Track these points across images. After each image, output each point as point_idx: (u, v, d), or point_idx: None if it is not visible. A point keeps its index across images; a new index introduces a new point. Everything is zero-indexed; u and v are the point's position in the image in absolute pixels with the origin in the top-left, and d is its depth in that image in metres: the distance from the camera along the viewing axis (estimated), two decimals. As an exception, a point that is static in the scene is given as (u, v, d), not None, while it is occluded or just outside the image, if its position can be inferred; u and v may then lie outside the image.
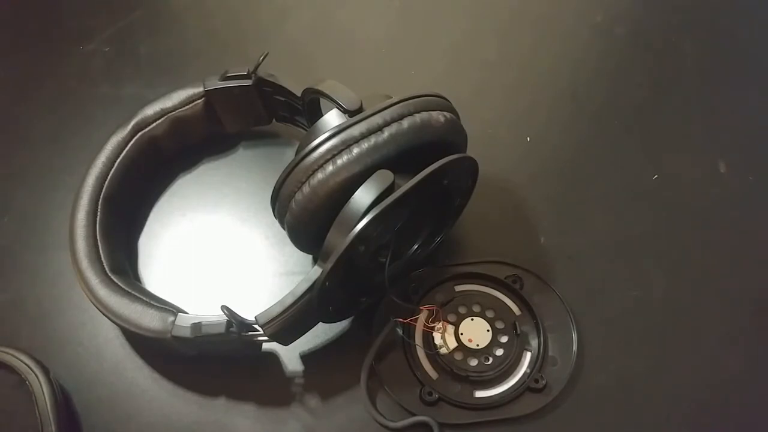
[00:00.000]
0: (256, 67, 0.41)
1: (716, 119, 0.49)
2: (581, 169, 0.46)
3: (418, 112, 0.33)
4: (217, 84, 0.41)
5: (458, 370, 0.35)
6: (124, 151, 0.40)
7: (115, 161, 0.39)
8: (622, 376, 0.36)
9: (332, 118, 0.34)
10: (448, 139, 0.34)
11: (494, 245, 0.41)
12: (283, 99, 0.42)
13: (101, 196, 0.38)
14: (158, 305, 0.34)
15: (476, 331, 0.37)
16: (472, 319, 0.37)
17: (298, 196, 0.32)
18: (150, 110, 0.41)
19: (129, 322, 0.33)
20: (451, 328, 0.37)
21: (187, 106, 0.42)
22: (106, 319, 0.34)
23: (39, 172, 0.45)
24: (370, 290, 0.36)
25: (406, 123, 0.32)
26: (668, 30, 0.55)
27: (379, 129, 0.32)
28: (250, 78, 0.41)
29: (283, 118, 0.44)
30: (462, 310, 0.38)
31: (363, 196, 0.31)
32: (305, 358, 0.37)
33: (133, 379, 0.36)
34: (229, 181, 0.44)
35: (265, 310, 0.32)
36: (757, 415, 0.36)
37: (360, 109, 0.33)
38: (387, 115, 0.32)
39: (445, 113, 0.34)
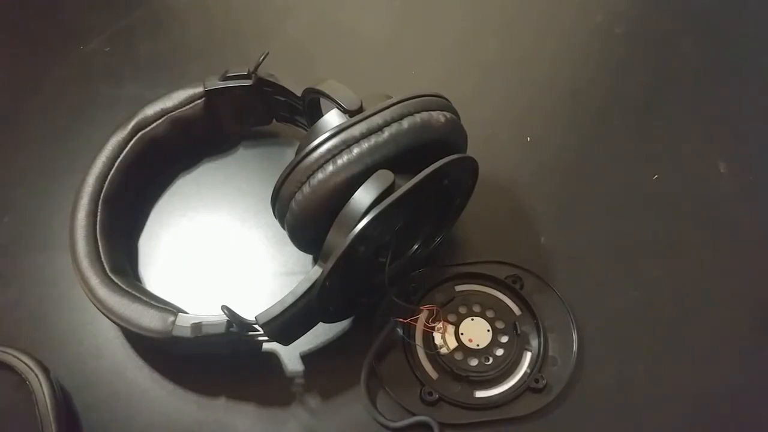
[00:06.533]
0: (257, 67, 0.41)
1: (716, 119, 0.49)
2: (581, 169, 0.46)
3: (418, 112, 0.33)
4: (217, 84, 0.41)
5: (458, 370, 0.35)
6: (125, 151, 0.40)
7: (116, 161, 0.39)
8: (622, 376, 0.36)
9: (332, 118, 0.34)
10: (448, 139, 0.34)
11: (494, 245, 0.41)
12: (283, 99, 0.42)
13: (101, 196, 0.38)
14: (158, 305, 0.34)
15: (476, 331, 0.37)
16: (472, 319, 0.37)
17: (299, 196, 0.32)
18: (150, 110, 0.41)
19: (129, 322, 0.33)
20: (451, 328, 0.37)
21: (188, 106, 0.42)
22: (106, 319, 0.34)
23: (39, 172, 0.45)
24: (370, 290, 0.36)
25: (406, 123, 0.32)
26: (668, 30, 0.55)
27: (379, 129, 0.32)
28: (250, 78, 0.41)
29: (284, 118, 0.44)
30: (462, 310, 0.38)
31: (363, 196, 0.31)
32: (305, 358, 0.37)
33: (133, 379, 0.36)
34: (229, 181, 0.44)
35: (265, 310, 0.32)
36: (757, 414, 0.36)
37: (360, 109, 0.33)
38: (387, 115, 0.32)
39: (445, 113, 0.34)
